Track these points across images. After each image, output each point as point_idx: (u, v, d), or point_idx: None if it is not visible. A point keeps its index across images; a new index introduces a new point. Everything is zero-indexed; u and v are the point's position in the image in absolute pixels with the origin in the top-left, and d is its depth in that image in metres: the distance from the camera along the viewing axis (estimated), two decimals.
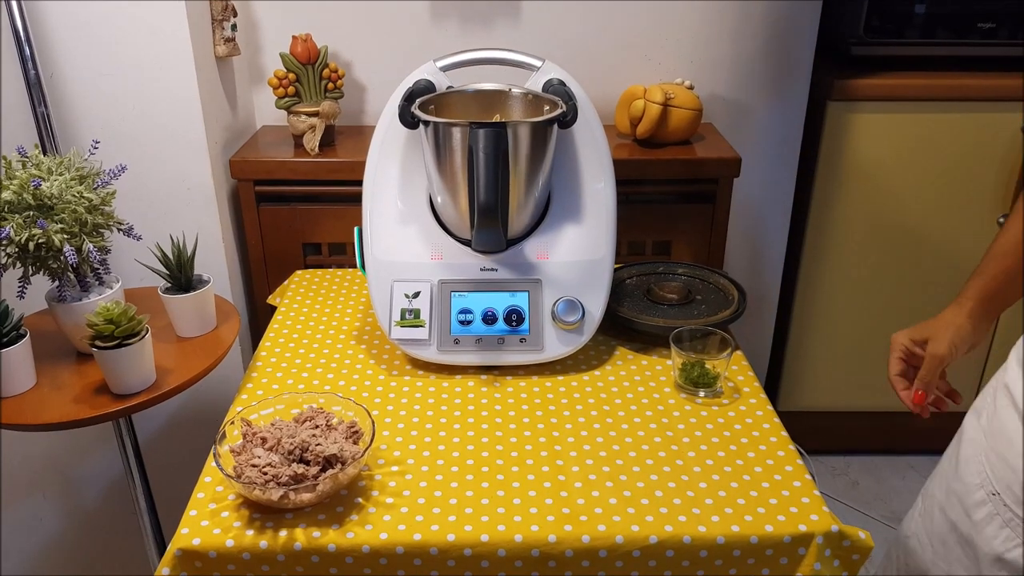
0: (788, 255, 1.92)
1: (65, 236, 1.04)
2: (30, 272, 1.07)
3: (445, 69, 1.20)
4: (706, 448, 0.97)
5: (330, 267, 1.54)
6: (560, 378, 1.12)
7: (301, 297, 1.35)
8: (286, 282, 1.43)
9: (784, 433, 1.00)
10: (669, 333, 1.09)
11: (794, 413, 1.96)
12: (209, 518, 0.88)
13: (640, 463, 0.94)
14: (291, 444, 0.89)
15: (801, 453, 0.98)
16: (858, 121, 1.72)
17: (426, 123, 1.08)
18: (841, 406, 2.00)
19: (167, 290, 1.18)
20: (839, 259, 1.85)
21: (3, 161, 1.05)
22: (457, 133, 1.06)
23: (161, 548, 1.36)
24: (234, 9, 1.50)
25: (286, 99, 1.53)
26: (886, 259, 1.82)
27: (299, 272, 1.45)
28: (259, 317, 1.65)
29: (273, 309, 1.36)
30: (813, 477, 0.92)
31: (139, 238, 1.14)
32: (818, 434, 2.06)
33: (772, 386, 2.01)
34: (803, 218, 1.84)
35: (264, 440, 0.91)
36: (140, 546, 1.39)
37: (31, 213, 1.03)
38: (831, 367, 1.97)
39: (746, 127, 1.76)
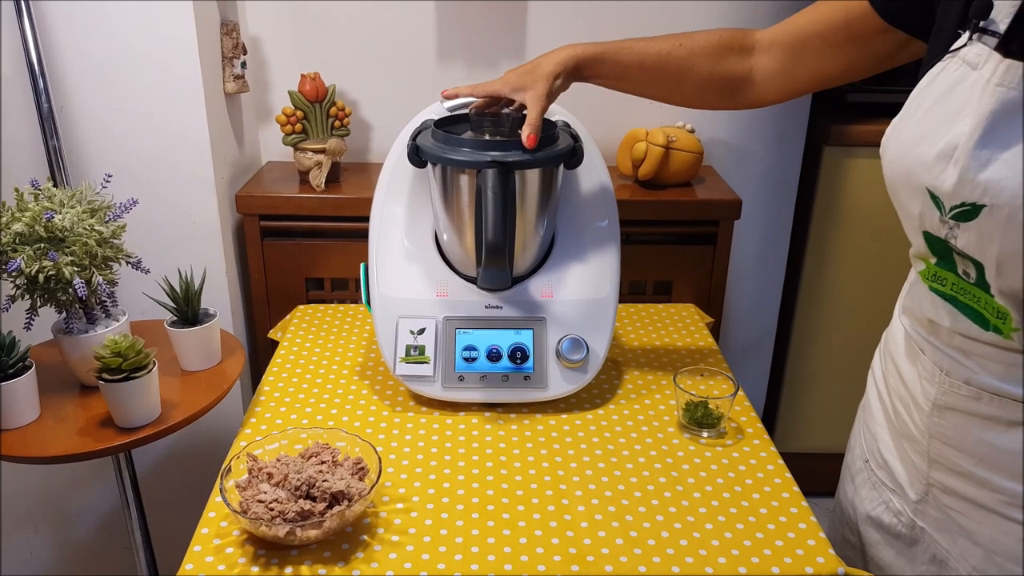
0: (785, 296, 1.94)
1: (75, 269, 1.05)
2: (38, 304, 1.08)
3: (452, 110, 1.22)
4: (711, 489, 0.97)
5: (332, 302, 1.55)
6: (564, 416, 1.12)
7: (304, 332, 1.36)
8: (288, 317, 1.44)
9: (788, 475, 1.01)
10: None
11: (790, 454, 1.96)
12: (213, 554, 0.87)
13: (646, 503, 0.95)
14: (298, 480, 0.89)
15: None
16: (854, 166, 1.75)
17: (434, 163, 1.10)
18: (837, 448, 1.99)
19: (173, 323, 1.19)
20: (836, 301, 1.87)
21: (15, 193, 1.06)
22: (465, 173, 1.07)
23: None
24: (244, 47, 1.53)
25: (293, 136, 1.55)
26: (882, 301, 1.83)
27: (301, 307, 1.46)
28: (260, 351, 1.65)
29: (274, 344, 1.37)
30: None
31: (147, 271, 1.15)
32: (814, 476, 2.05)
33: (768, 427, 2.01)
34: (800, 260, 1.86)
35: (270, 476, 0.91)
36: None
37: (42, 245, 1.04)
38: (827, 408, 1.98)
39: (745, 170, 1.79)
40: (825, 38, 0.95)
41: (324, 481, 0.89)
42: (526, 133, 1.01)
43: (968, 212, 0.69)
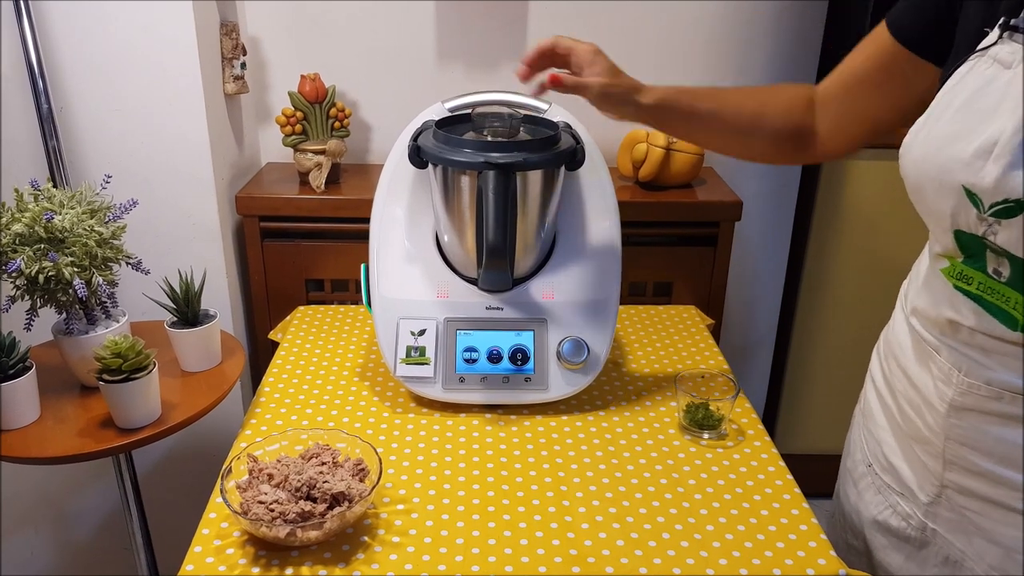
0: (785, 298, 1.94)
1: (75, 269, 1.04)
2: (38, 305, 1.07)
3: (453, 111, 1.22)
4: (712, 490, 0.97)
5: (332, 303, 1.55)
6: (564, 418, 1.12)
7: (304, 333, 1.36)
8: (288, 318, 1.43)
9: (789, 476, 1.01)
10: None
11: (791, 456, 1.96)
12: (214, 555, 0.87)
13: (647, 504, 0.95)
14: (298, 481, 0.88)
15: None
16: (855, 168, 1.75)
17: (435, 163, 1.10)
18: (838, 449, 2.00)
19: (173, 324, 1.19)
20: (836, 302, 1.87)
21: (15, 194, 1.06)
22: (466, 174, 1.07)
23: None
24: (244, 48, 1.53)
25: (293, 137, 1.55)
26: (882, 303, 1.83)
27: (301, 308, 1.46)
28: (260, 352, 1.65)
29: (274, 344, 1.36)
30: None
31: (147, 272, 1.14)
32: (815, 477, 2.05)
33: (768, 428, 2.01)
34: (800, 261, 1.86)
35: (271, 476, 0.90)
36: None
37: (42, 246, 1.04)
38: (828, 410, 1.98)
39: (746, 172, 1.79)
40: (864, 80, 0.94)
41: (324, 482, 0.88)
42: (567, 80, 0.98)
43: (1011, 208, 0.68)
